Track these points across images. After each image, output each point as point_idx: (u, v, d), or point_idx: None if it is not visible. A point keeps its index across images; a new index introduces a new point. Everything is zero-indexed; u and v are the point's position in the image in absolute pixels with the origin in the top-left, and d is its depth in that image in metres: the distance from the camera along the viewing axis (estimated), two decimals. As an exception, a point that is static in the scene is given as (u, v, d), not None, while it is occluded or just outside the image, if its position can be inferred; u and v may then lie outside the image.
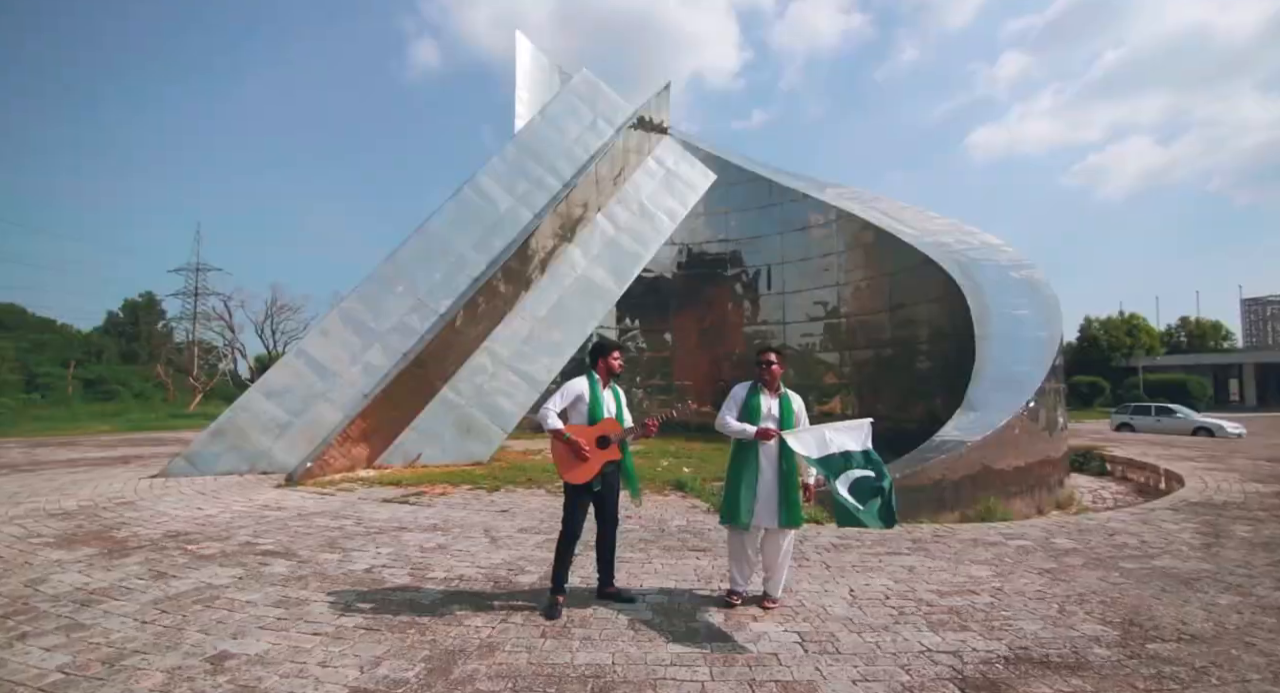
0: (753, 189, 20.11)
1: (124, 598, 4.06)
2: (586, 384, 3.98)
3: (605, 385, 4.04)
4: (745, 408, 3.97)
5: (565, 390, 3.96)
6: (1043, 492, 9.60)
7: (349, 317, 11.01)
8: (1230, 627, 3.62)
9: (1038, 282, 12.89)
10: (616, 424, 3.92)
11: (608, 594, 4.01)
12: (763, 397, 3.99)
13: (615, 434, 3.87)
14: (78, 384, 45.88)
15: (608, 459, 3.84)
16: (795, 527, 3.90)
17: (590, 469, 3.80)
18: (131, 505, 7.17)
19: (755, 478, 3.86)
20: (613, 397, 4.04)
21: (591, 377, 4.03)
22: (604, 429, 3.87)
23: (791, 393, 4.09)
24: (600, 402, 3.93)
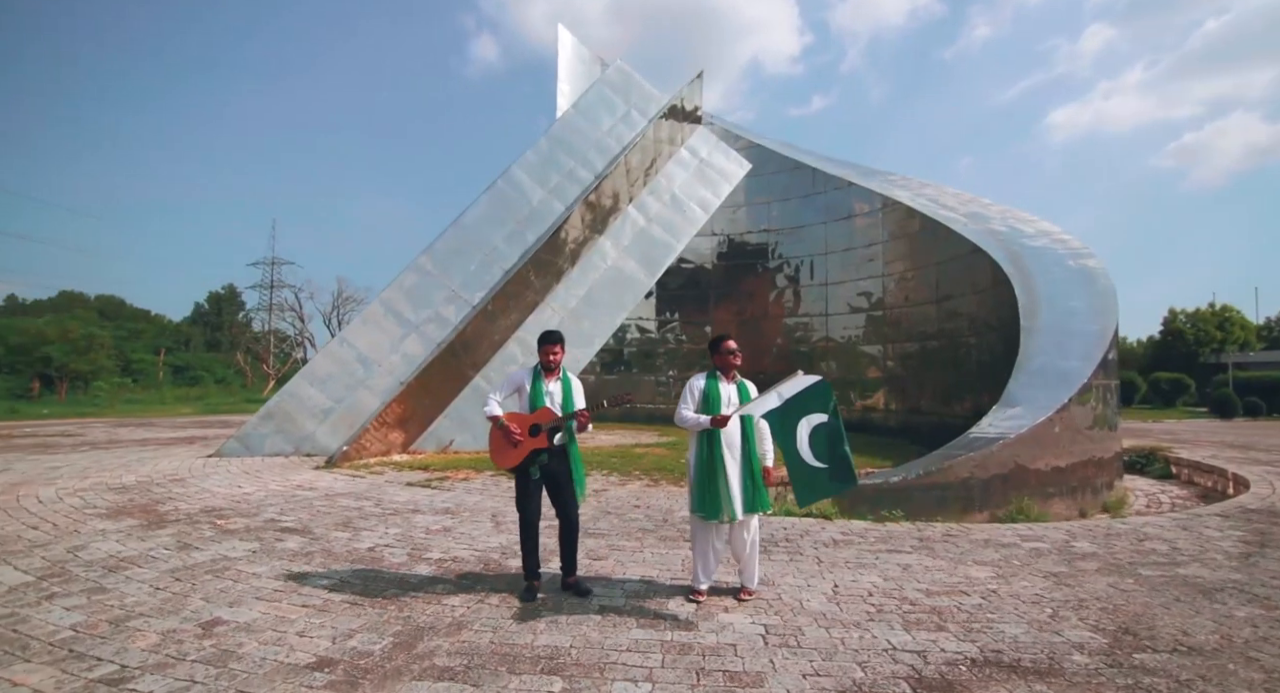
0: (795, 178, 19.68)
1: (147, 566, 4.42)
2: (528, 376, 4.06)
3: (554, 377, 4.08)
4: (704, 398, 3.96)
5: (507, 381, 4.11)
6: (1087, 494, 9.08)
7: (389, 307, 11.47)
8: (1238, 640, 3.37)
9: (1094, 271, 12.13)
10: (550, 413, 3.95)
11: (568, 586, 4.05)
12: (720, 385, 3.98)
13: (546, 423, 3.92)
14: (167, 370, 49.65)
15: (534, 447, 3.89)
16: (764, 512, 3.86)
17: (517, 455, 3.89)
18: (181, 482, 7.75)
19: (720, 469, 3.84)
20: (561, 389, 4.05)
21: (536, 369, 4.09)
22: (538, 418, 3.94)
23: (747, 381, 4.04)
24: (540, 393, 3.98)
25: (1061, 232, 14.37)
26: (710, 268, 20.40)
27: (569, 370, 4.27)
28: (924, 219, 15.93)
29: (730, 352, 4.00)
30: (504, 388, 4.06)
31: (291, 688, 2.75)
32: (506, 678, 2.88)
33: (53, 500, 6.51)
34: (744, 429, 3.87)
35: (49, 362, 36.38)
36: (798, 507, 3.91)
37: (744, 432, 3.87)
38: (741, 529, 3.90)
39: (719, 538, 3.94)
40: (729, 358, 3.99)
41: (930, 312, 15.82)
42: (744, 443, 3.86)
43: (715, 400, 3.90)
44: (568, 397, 4.03)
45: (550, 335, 4.16)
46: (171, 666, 2.94)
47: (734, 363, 4.01)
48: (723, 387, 3.96)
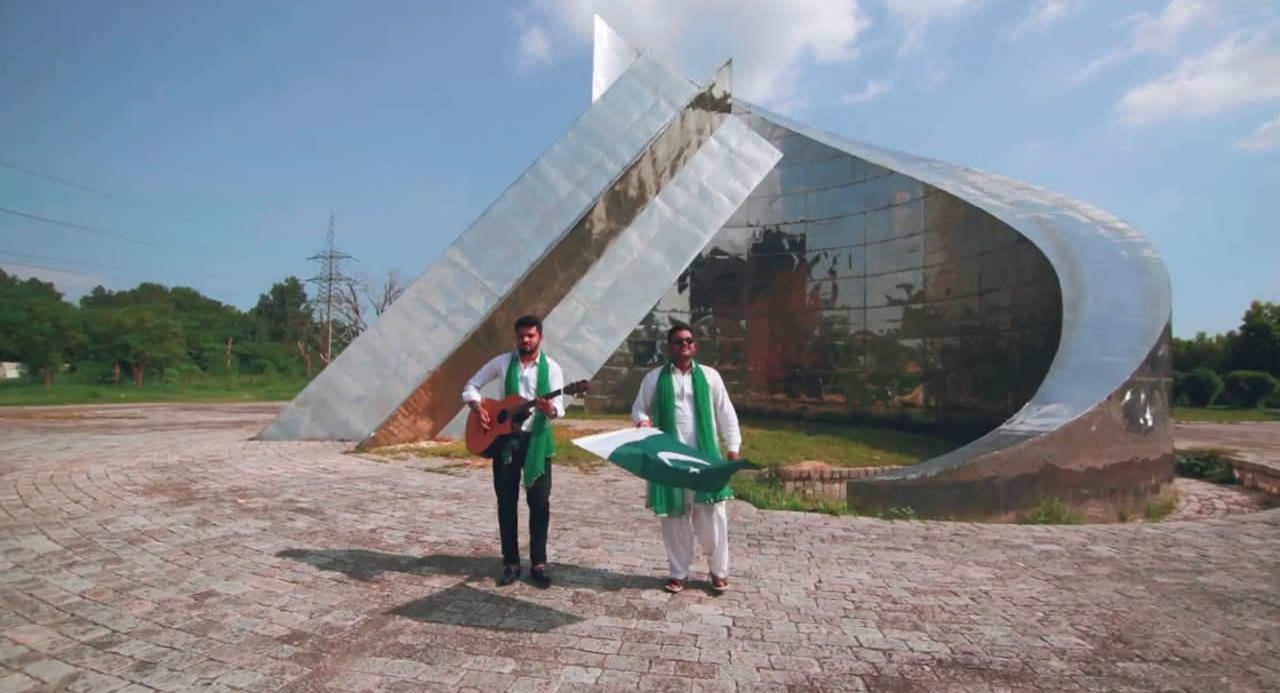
0: (834, 166, 19.17)
1: (164, 540, 4.71)
2: (506, 361, 4.13)
3: (531, 362, 4.10)
4: (657, 392, 3.94)
5: (486, 367, 4.18)
6: (1128, 497, 8.57)
7: (420, 298, 11.80)
8: (1242, 654, 3.14)
9: (1148, 262, 11.40)
10: (517, 399, 3.98)
11: (533, 572, 4.07)
12: (674, 376, 3.93)
13: (511, 409, 3.95)
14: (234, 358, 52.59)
15: (500, 433, 3.94)
16: (719, 500, 3.78)
17: (484, 440, 3.98)
18: (219, 463, 8.20)
19: None
20: (537, 374, 4.07)
21: (514, 354, 4.13)
22: (506, 404, 3.99)
23: (705, 368, 3.98)
24: (515, 379, 4.02)
25: (1117, 220, 13.54)
26: (745, 259, 20.13)
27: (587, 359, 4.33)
28: (967, 207, 15.29)
29: (680, 341, 3.95)
30: (483, 374, 4.13)
31: (259, 659, 2.89)
32: (462, 658, 2.94)
33: (100, 477, 6.99)
34: (698, 420, 3.83)
35: (127, 349, 39.03)
36: (713, 495, 3.79)
37: (698, 423, 3.83)
38: (708, 518, 3.86)
39: (685, 528, 3.92)
40: (686, 347, 3.95)
41: (972, 304, 15.19)
42: (698, 433, 3.82)
43: (669, 394, 3.88)
44: (543, 381, 4.07)
45: (527, 319, 4.20)
46: (157, 633, 3.13)
47: (686, 353, 3.95)
48: (676, 379, 3.93)
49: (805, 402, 18.88)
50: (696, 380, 3.92)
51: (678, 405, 3.87)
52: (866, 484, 7.48)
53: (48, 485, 6.47)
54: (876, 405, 17.56)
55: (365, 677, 2.74)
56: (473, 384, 4.06)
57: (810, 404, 18.79)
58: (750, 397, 19.67)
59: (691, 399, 3.87)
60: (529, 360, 4.12)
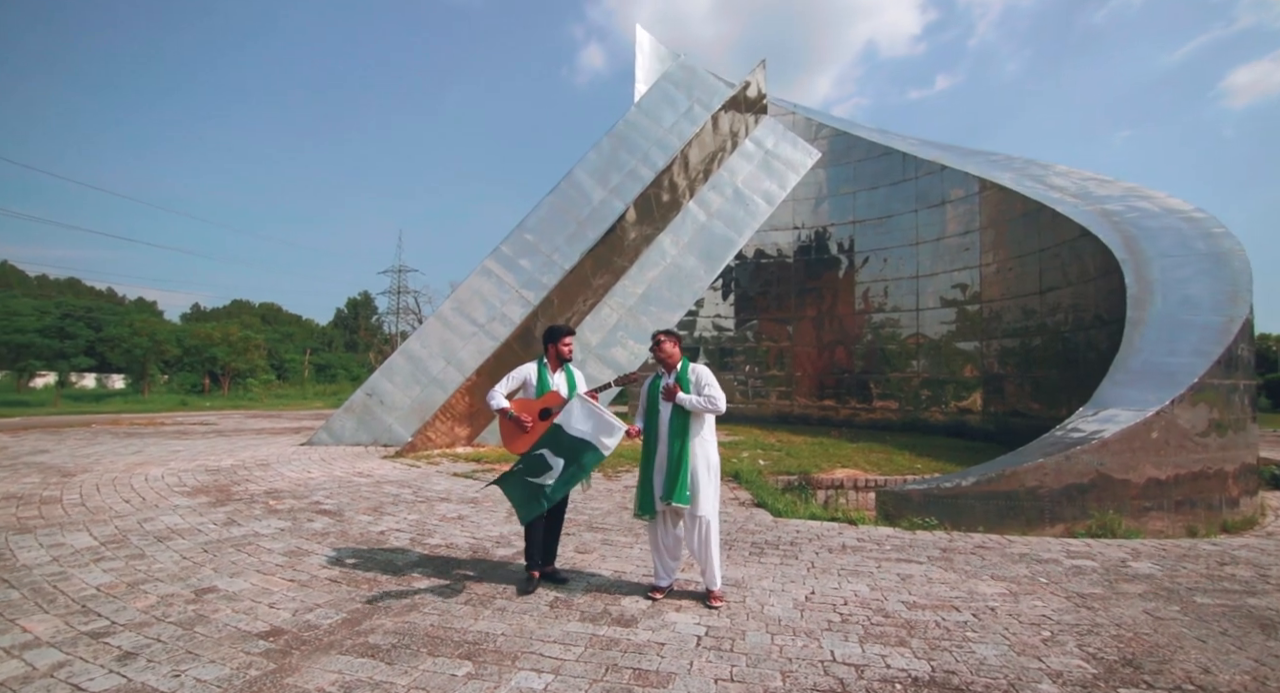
0: (884, 164, 18.53)
1: (189, 538, 5.00)
2: (535, 369, 4.15)
3: (557, 369, 4.17)
4: (645, 395, 3.90)
5: (513, 374, 4.19)
6: (1199, 511, 7.82)
7: (460, 307, 12.14)
8: (1273, 684, 2.78)
9: (1227, 254, 10.43)
10: (559, 397, 4.04)
11: (546, 574, 4.10)
12: (661, 381, 3.88)
13: (556, 406, 3.98)
14: (311, 368, 55.75)
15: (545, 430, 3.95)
16: (681, 505, 3.64)
17: (530, 439, 3.96)
18: (265, 467, 8.66)
19: (654, 464, 3.76)
20: (565, 380, 4.14)
21: (541, 361, 4.19)
22: (547, 402, 4.03)
23: (694, 365, 3.86)
24: (546, 384, 4.08)
25: (1194, 209, 12.47)
26: (791, 263, 19.71)
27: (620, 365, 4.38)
28: (1025, 202, 14.46)
29: (655, 344, 3.92)
30: (511, 382, 4.17)
31: (231, 653, 3.01)
32: (422, 659, 2.97)
33: (155, 479, 7.52)
34: (671, 421, 3.74)
35: (215, 361, 42.05)
36: None
37: (671, 421, 3.74)
38: (689, 522, 3.75)
39: (667, 536, 3.83)
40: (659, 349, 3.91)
41: (1032, 304, 14.31)
42: (669, 431, 3.72)
43: (655, 398, 3.83)
44: (572, 388, 4.13)
45: (566, 328, 4.29)
46: (149, 625, 3.32)
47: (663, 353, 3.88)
48: (664, 381, 3.86)
49: (855, 408, 18.24)
50: (680, 380, 3.83)
51: (661, 407, 3.82)
52: (897, 493, 7.12)
53: (108, 486, 7.01)
54: (931, 412, 16.77)
55: (323, 674, 2.81)
56: (499, 391, 4.09)
57: (861, 411, 18.14)
58: (798, 403, 19.19)
59: None
60: (558, 368, 4.19)
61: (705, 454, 3.73)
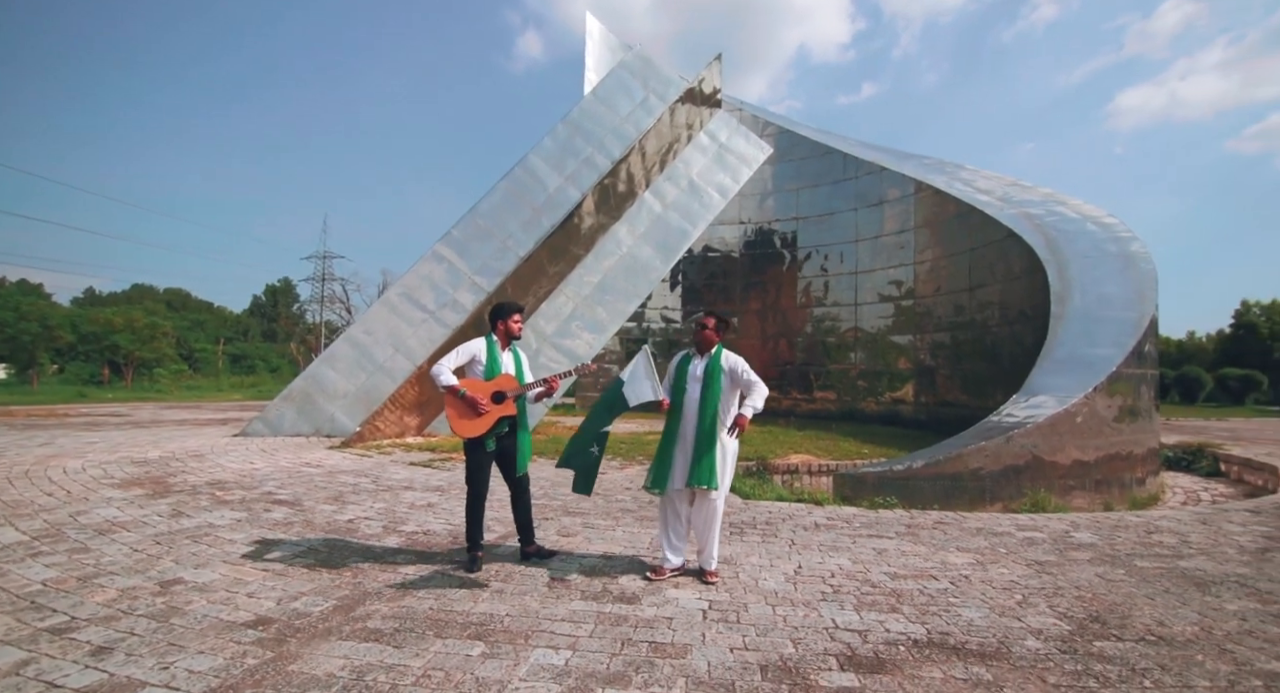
0: (826, 164, 19.18)
1: (135, 531, 4.63)
2: (484, 345, 4.01)
3: (505, 347, 4.07)
4: (674, 373, 3.91)
5: (461, 350, 3.97)
6: (1114, 490, 8.58)
7: (407, 294, 11.70)
8: (1218, 633, 3.11)
9: (1135, 256, 11.44)
10: (513, 380, 3.94)
11: (528, 554, 4.06)
12: (693, 361, 3.90)
13: (511, 390, 3.89)
14: (226, 359, 52.26)
15: (502, 414, 3.87)
16: (706, 487, 3.72)
17: (483, 423, 3.84)
18: (200, 458, 8.10)
19: (676, 442, 3.79)
20: (512, 359, 4.06)
21: (490, 338, 4.05)
22: (500, 385, 3.90)
23: (727, 353, 3.92)
24: (497, 362, 3.96)
25: (1105, 214, 13.59)
26: (737, 256, 20.13)
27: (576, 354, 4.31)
28: (957, 204, 15.33)
29: (700, 326, 3.92)
30: (459, 356, 3.98)
31: (220, 643, 2.83)
32: (430, 641, 2.89)
33: (76, 471, 6.89)
34: (702, 402, 3.78)
35: (117, 350, 38.73)
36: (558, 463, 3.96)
37: (701, 404, 3.78)
38: (700, 505, 3.81)
39: (677, 514, 3.86)
40: (702, 334, 3.92)
41: (962, 300, 15.22)
42: (699, 415, 3.77)
43: (682, 377, 3.88)
44: (519, 367, 4.04)
45: (516, 305, 4.18)
46: (117, 619, 3.06)
47: (704, 338, 3.92)
48: (694, 363, 3.92)
49: (797, 398, 18.87)
50: (711, 364, 3.85)
51: (690, 386, 3.84)
52: (853, 476, 7.45)
53: (22, 480, 6.36)
54: (867, 402, 17.57)
55: (329, 660, 2.68)
56: (446, 366, 3.89)
57: (801, 401, 18.78)
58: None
59: (701, 381, 3.82)
60: (506, 347, 4.08)
61: (729, 438, 3.79)
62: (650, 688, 2.49)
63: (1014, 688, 2.52)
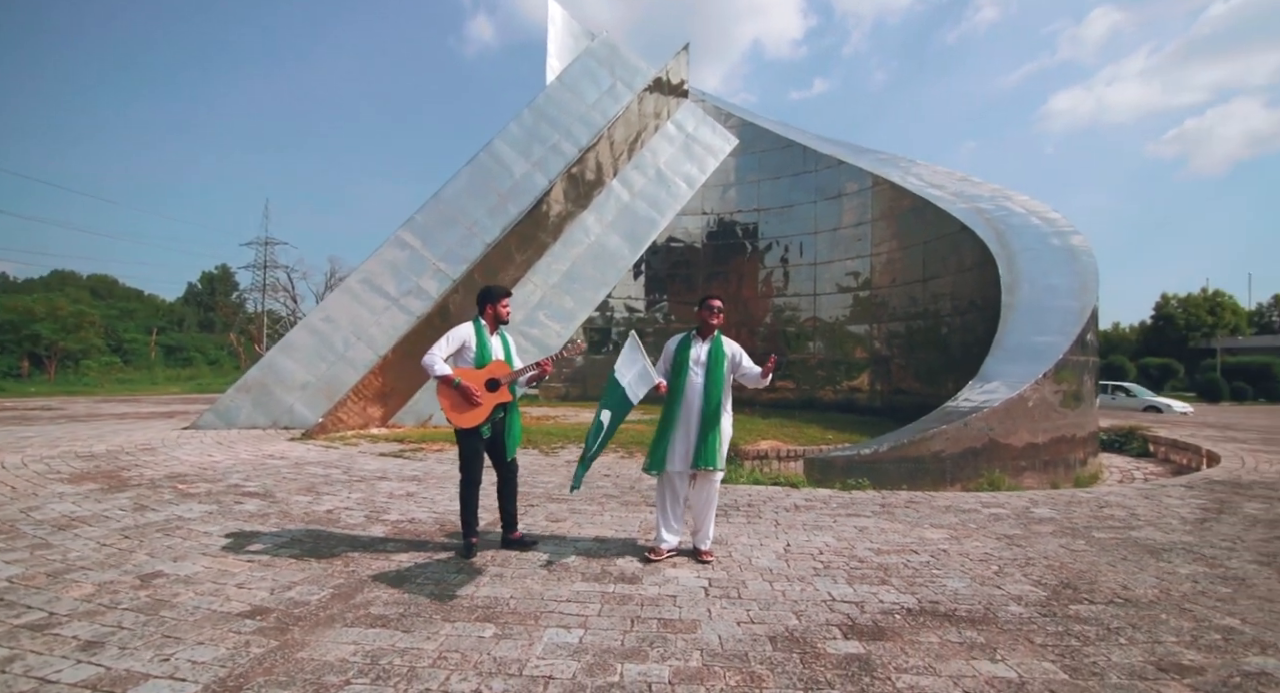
0: (786, 156, 19.51)
1: (99, 525, 4.40)
2: (473, 330, 3.95)
3: (493, 333, 4.03)
4: (675, 357, 3.95)
5: (451, 336, 3.90)
6: (1060, 470, 9.12)
7: (368, 281, 11.37)
8: (1175, 594, 3.39)
9: (1077, 249, 12.10)
10: (505, 366, 3.92)
11: (510, 541, 4.04)
12: (693, 345, 3.95)
13: (505, 376, 3.88)
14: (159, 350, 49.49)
15: (498, 401, 3.85)
16: (711, 468, 3.81)
17: (480, 413, 3.81)
18: (152, 451, 7.71)
19: (677, 424, 3.84)
20: (501, 344, 4.02)
21: (478, 323, 4.00)
22: (492, 372, 3.87)
23: (726, 340, 4.00)
24: (487, 347, 3.92)
25: (1049, 210, 14.30)
26: (700, 247, 20.30)
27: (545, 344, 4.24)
28: (913, 198, 15.84)
29: (709, 310, 3.95)
30: (450, 343, 3.90)
31: (219, 634, 2.74)
32: (439, 625, 2.87)
33: (16, 466, 6.46)
34: (706, 385, 3.84)
35: (38, 340, 36.17)
36: None
37: (706, 388, 3.84)
38: (701, 486, 3.88)
39: (675, 495, 3.91)
40: (704, 316, 3.95)
41: (916, 292, 15.79)
42: (704, 398, 3.83)
43: (684, 361, 3.89)
44: (508, 352, 4.02)
45: (504, 289, 4.12)
46: (101, 613, 2.92)
47: (711, 322, 3.95)
48: (694, 347, 3.94)
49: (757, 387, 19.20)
50: (713, 349, 3.91)
51: (691, 369, 3.87)
52: (823, 459, 7.69)
53: (-42, 475, 5.94)
54: (825, 390, 18.06)
55: (338, 646, 2.64)
56: (438, 354, 3.81)
57: (762, 390, 19.07)
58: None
59: (704, 366, 3.88)
60: (494, 332, 4.04)
61: (726, 421, 3.87)
62: (668, 661, 2.55)
63: (1005, 649, 2.69)
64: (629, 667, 2.50)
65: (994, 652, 2.66)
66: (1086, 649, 2.69)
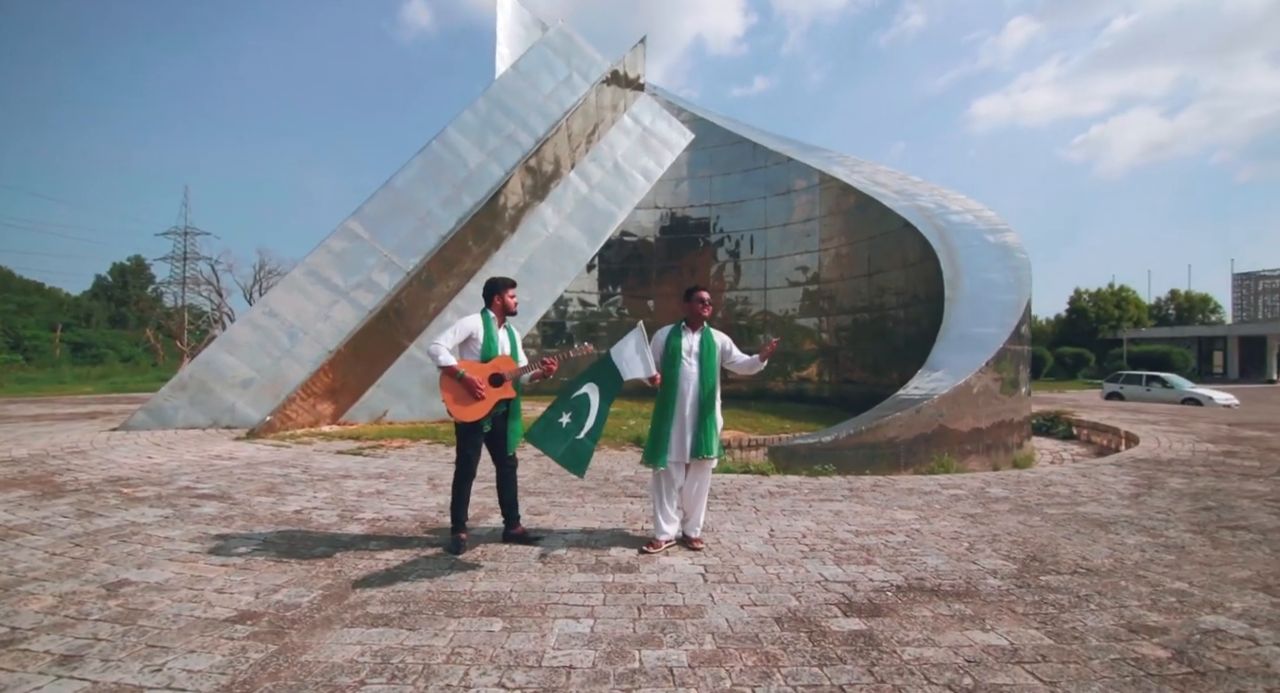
0: (736, 152, 19.81)
1: (41, 533, 4.07)
2: (480, 322, 3.89)
3: (500, 325, 3.99)
4: (666, 347, 3.96)
5: (458, 327, 3.84)
6: (1000, 453, 9.70)
7: (314, 273, 10.87)
8: (1129, 563, 3.68)
9: (1011, 246, 12.83)
10: (511, 362, 3.88)
11: (513, 536, 4.01)
12: (684, 336, 3.98)
13: (509, 372, 3.83)
14: (65, 347, 45.73)
15: (501, 397, 3.80)
16: (709, 457, 3.88)
17: (483, 408, 3.75)
18: (82, 455, 7.17)
19: (673, 415, 3.87)
20: (507, 337, 3.98)
21: (486, 315, 3.94)
22: (497, 367, 3.81)
23: (714, 330, 4.06)
24: (494, 340, 3.87)
25: (984, 208, 15.09)
26: (653, 241, 20.38)
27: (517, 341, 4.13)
28: (859, 195, 16.39)
29: (700, 301, 3.99)
30: (457, 334, 3.81)
31: (210, 641, 2.60)
32: (444, 621, 2.81)
33: (-71, 474, 5.89)
34: (702, 376, 3.89)
35: (-77, 337, 32.90)
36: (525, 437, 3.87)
37: (701, 377, 3.89)
38: (696, 476, 3.93)
39: (673, 486, 3.94)
40: (697, 307, 3.98)
41: (862, 285, 16.38)
42: (699, 387, 3.88)
43: (676, 352, 3.91)
44: (515, 347, 3.96)
45: (510, 280, 4.06)
46: (71, 626, 2.72)
47: (704, 313, 3.99)
48: (685, 338, 3.97)
49: (709, 380, 19.51)
50: (705, 340, 3.95)
51: (685, 360, 3.89)
52: (787, 447, 7.91)
53: None
54: (776, 381, 18.52)
55: (343, 647, 2.55)
56: (444, 345, 3.72)
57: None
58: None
59: (698, 356, 3.90)
60: (501, 324, 3.97)
61: (718, 410, 3.93)
62: (683, 646, 2.59)
63: (993, 620, 2.87)
64: (646, 653, 2.53)
65: (983, 622, 2.83)
66: (1064, 616, 2.90)
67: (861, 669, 2.40)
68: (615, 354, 3.84)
